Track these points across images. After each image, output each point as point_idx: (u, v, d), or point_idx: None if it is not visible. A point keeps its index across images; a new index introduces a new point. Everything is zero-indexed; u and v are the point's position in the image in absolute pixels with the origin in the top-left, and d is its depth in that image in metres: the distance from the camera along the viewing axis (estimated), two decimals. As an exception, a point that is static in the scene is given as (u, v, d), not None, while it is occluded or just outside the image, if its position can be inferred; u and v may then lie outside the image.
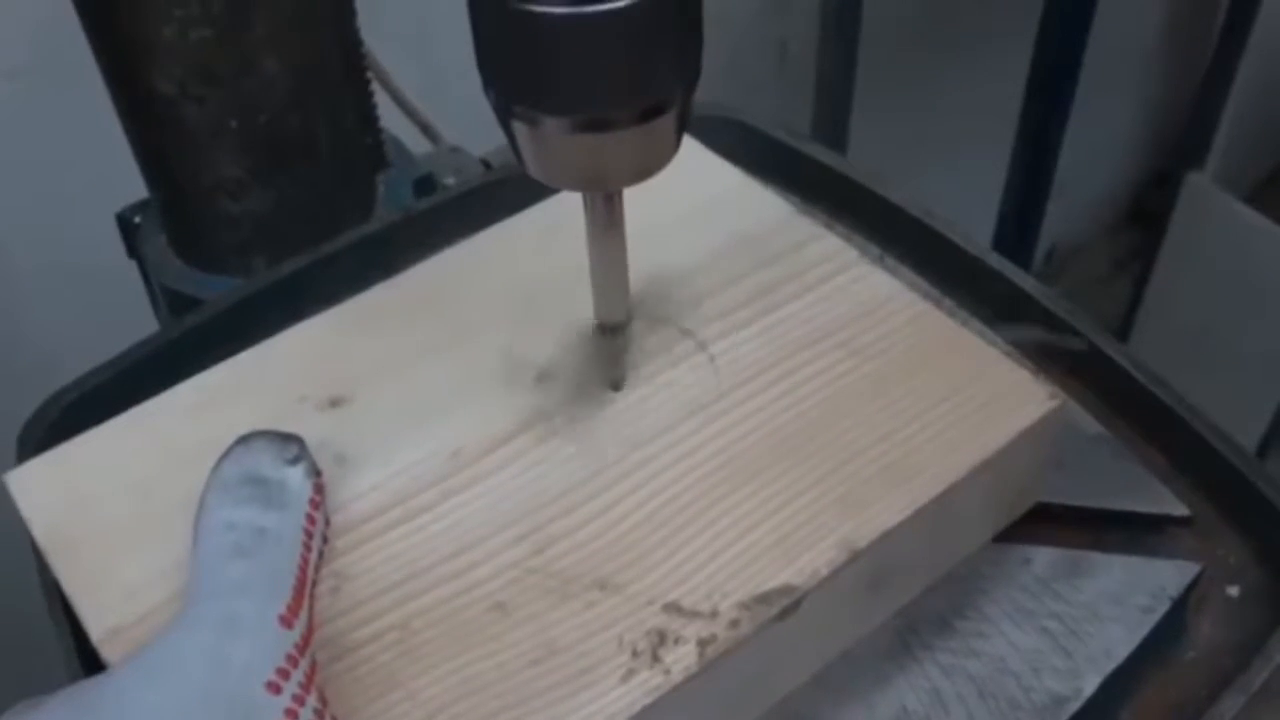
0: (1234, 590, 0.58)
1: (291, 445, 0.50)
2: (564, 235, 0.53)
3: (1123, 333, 2.21)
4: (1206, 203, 2.11)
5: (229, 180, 0.74)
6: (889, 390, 0.54)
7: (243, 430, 0.50)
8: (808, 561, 0.48)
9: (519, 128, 0.45)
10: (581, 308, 0.55)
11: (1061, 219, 2.07)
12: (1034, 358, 0.65)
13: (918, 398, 0.53)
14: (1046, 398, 0.53)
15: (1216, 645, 0.56)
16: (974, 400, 0.53)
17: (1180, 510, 0.59)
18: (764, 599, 0.47)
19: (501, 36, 0.43)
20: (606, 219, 0.50)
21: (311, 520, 0.48)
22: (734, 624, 0.47)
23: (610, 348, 0.54)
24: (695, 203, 0.62)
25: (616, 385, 0.55)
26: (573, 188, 0.49)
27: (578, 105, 0.44)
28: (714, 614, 0.47)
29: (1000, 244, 1.81)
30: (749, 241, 0.61)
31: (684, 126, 0.46)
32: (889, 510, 0.50)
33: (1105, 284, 2.48)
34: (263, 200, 0.76)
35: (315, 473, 0.50)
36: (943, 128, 1.66)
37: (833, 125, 1.46)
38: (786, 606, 0.47)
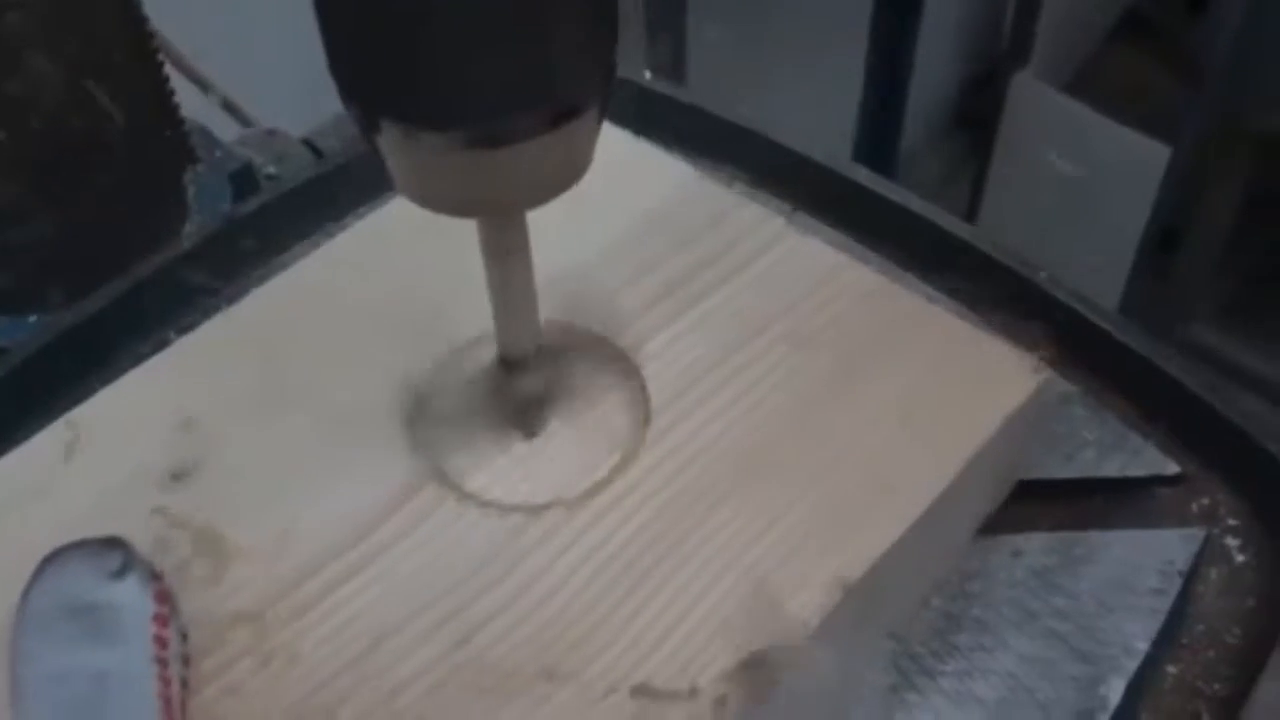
0: (1233, 547, 0.52)
1: (114, 554, 0.39)
2: (440, 233, 0.42)
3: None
4: (1034, 101, 2.10)
5: (4, 203, 0.61)
6: (853, 383, 0.46)
7: (61, 532, 0.39)
8: (797, 608, 0.40)
9: (391, 147, 0.35)
10: (474, 327, 0.45)
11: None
12: (970, 305, 0.58)
13: (887, 388, 0.45)
14: (1031, 371, 0.46)
15: (1225, 613, 0.50)
16: (951, 383, 0.45)
17: (1170, 468, 0.52)
18: (752, 664, 0.39)
19: (361, 32, 0.32)
20: (508, 246, 0.40)
21: (162, 643, 0.38)
22: (720, 702, 0.38)
23: (518, 384, 0.44)
24: (588, 178, 0.51)
25: (530, 430, 0.45)
26: (465, 215, 0.38)
27: (467, 115, 0.33)
28: (694, 691, 0.38)
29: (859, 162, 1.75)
30: (658, 220, 0.51)
31: (599, 127, 0.37)
32: (880, 530, 0.42)
33: (940, 191, 2.46)
34: (50, 222, 0.63)
35: (153, 577, 0.39)
36: (785, 45, 1.59)
37: (669, 56, 1.37)
38: (780, 669, 0.39)
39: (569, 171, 0.37)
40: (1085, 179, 2.03)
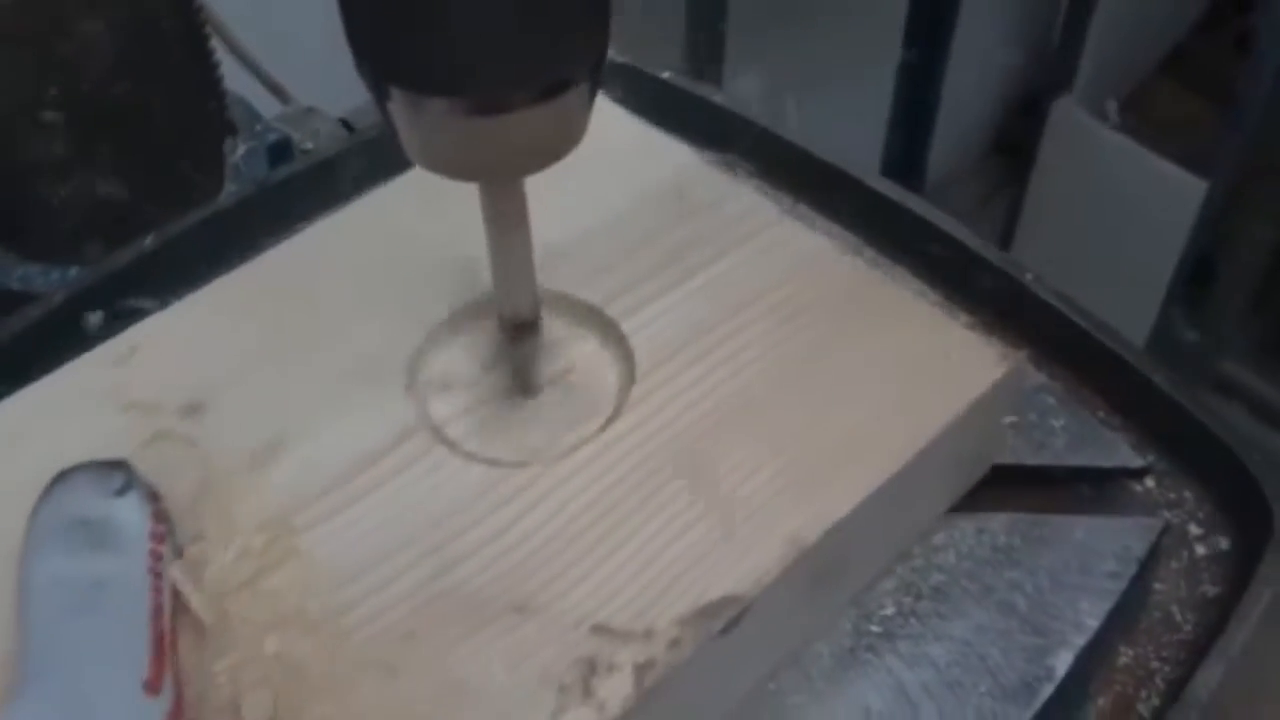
0: (1194, 540, 0.54)
1: (117, 474, 0.42)
2: (448, 204, 0.46)
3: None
4: (1074, 129, 2.10)
5: (51, 159, 0.65)
6: (827, 360, 0.48)
7: (76, 454, 0.43)
8: (753, 564, 0.42)
9: (399, 112, 0.38)
10: (473, 289, 0.49)
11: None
12: (962, 305, 0.61)
13: (861, 368, 0.48)
14: (998, 360, 0.48)
15: (1182, 601, 0.52)
16: (922, 367, 0.48)
17: (1136, 461, 0.55)
18: (706, 612, 0.41)
19: (374, 7, 0.36)
20: (507, 212, 0.43)
21: (156, 557, 0.41)
22: (674, 644, 0.41)
23: (514, 346, 0.47)
24: (593, 158, 0.54)
25: (522, 389, 0.48)
26: (466, 178, 0.41)
27: (469, 84, 0.36)
28: (649, 633, 0.41)
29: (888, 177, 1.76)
30: (657, 200, 0.54)
31: (592, 102, 0.40)
32: (840, 496, 0.44)
33: (976, 217, 2.47)
34: (93, 180, 0.67)
35: (152, 499, 0.42)
36: (821, 59, 1.61)
37: (706, 60, 1.40)
38: (731, 619, 0.41)
39: (562, 140, 0.40)
40: (1121, 209, 2.03)
